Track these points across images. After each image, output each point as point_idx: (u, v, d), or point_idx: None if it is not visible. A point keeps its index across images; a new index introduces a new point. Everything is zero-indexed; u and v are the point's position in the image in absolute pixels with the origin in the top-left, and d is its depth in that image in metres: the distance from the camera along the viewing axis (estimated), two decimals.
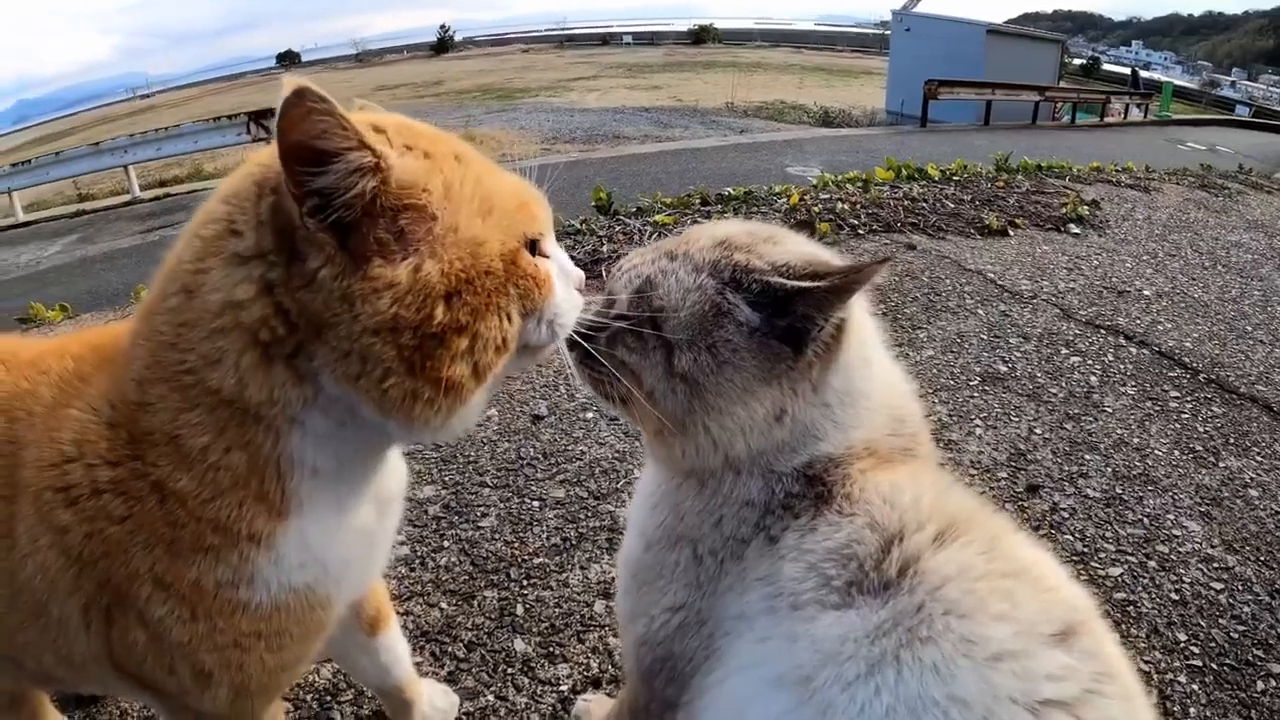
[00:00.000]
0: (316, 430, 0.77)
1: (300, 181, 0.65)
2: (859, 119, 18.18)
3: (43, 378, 0.85)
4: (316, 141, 0.64)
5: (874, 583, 0.71)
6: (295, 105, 0.62)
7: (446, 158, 0.74)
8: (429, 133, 0.77)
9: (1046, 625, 0.66)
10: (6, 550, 0.82)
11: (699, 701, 0.80)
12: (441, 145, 0.75)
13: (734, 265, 0.82)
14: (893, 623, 0.67)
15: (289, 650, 0.87)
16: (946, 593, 0.67)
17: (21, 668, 0.98)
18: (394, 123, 0.76)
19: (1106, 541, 1.81)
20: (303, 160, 0.64)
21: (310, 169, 0.64)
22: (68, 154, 14.24)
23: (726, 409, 0.80)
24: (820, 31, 47.53)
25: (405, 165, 0.69)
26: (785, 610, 0.73)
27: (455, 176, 0.73)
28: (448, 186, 0.72)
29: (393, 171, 0.68)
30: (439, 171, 0.72)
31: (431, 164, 0.72)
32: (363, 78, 38.93)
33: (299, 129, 0.63)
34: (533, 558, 1.74)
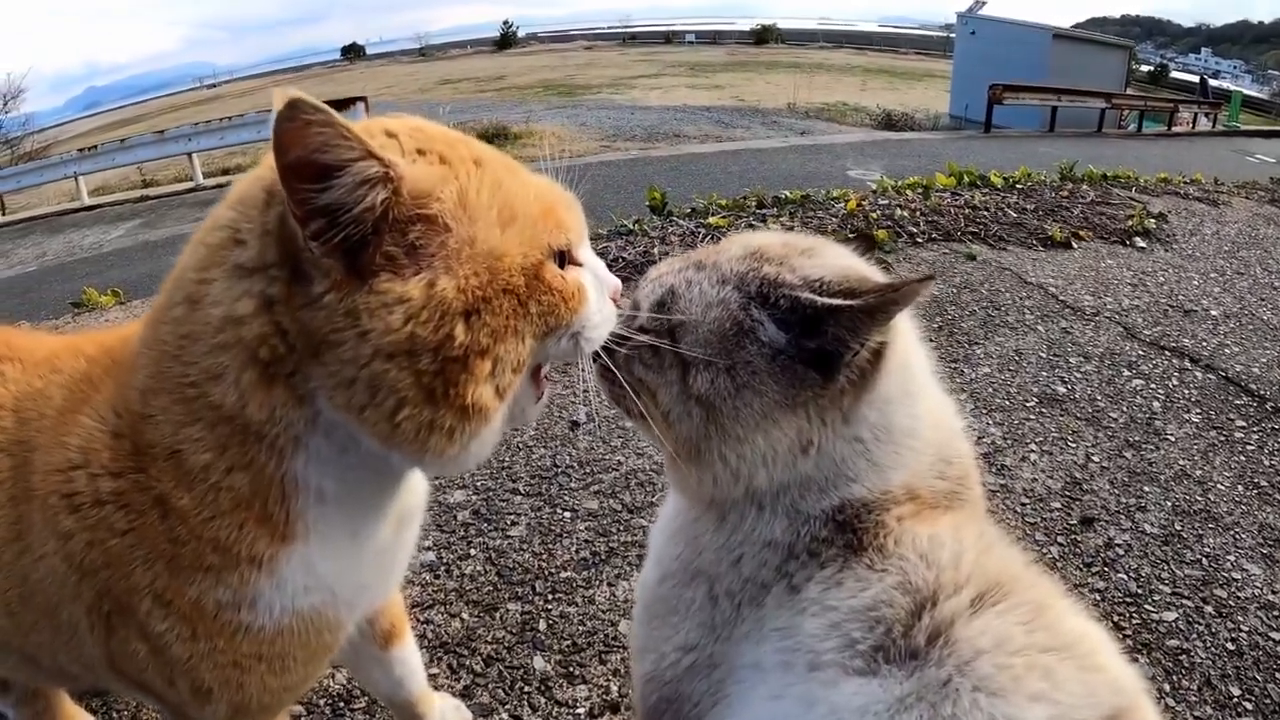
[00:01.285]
0: (320, 454, 0.72)
1: (303, 201, 0.60)
2: (921, 122, 17.84)
3: (55, 378, 0.84)
4: (318, 156, 0.59)
5: (901, 650, 0.64)
6: (290, 119, 0.57)
7: (464, 162, 0.68)
8: (445, 136, 0.72)
9: (1088, 710, 0.59)
10: (21, 552, 0.81)
11: None
12: (459, 149, 0.69)
13: (762, 278, 0.74)
14: (917, 697, 0.60)
15: (292, 673, 0.84)
16: (978, 667, 0.60)
17: (39, 665, 0.98)
18: (407, 126, 0.70)
19: (1162, 582, 1.70)
20: (305, 177, 0.59)
21: (314, 185, 0.59)
22: (133, 141, 14.68)
23: (745, 437, 0.73)
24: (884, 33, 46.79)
25: (417, 173, 0.64)
26: (802, 669, 0.67)
27: (472, 183, 0.67)
28: (463, 195, 0.66)
29: (404, 181, 0.63)
30: (454, 178, 0.66)
31: (446, 170, 0.66)
32: (426, 71, 39.58)
33: (298, 144, 0.58)
34: (560, 571, 1.70)
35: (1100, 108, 15.19)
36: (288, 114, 0.57)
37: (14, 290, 8.55)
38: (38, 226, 13.33)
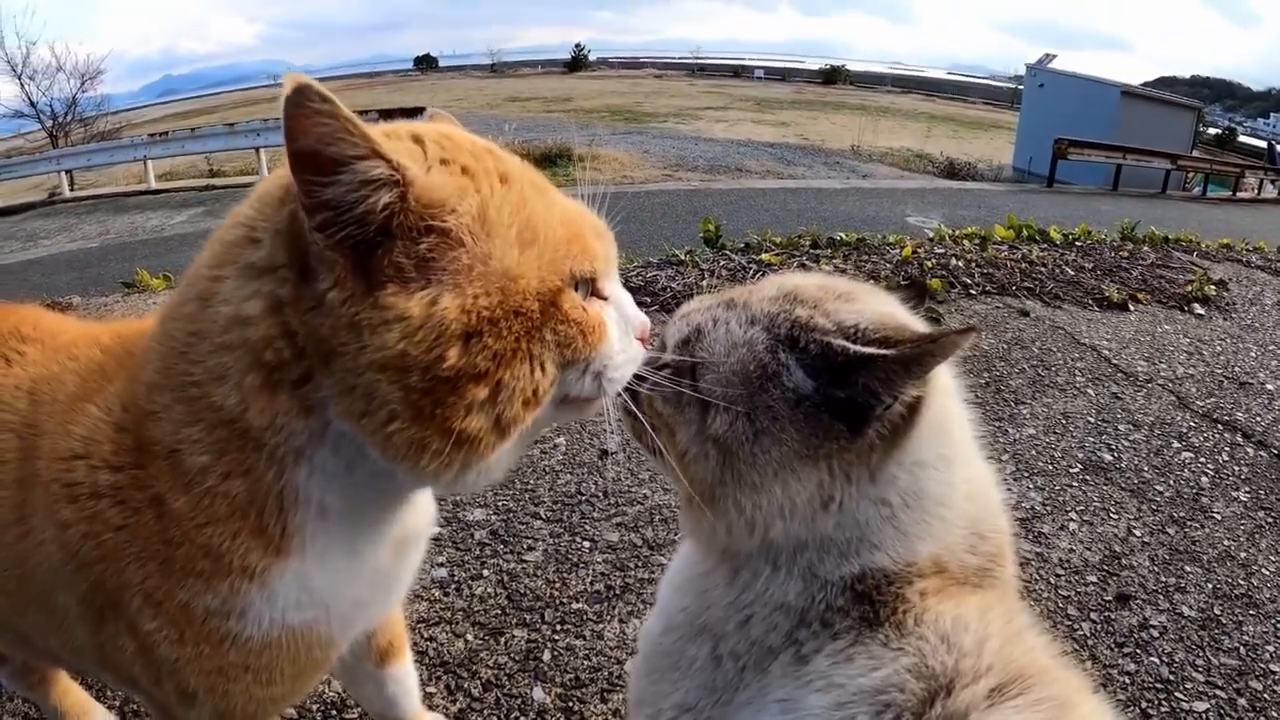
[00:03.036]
0: (326, 468, 0.70)
1: (309, 192, 0.58)
2: (984, 173, 17.65)
3: (71, 364, 0.84)
4: (324, 148, 0.57)
5: None
6: (296, 106, 0.56)
7: (489, 176, 0.66)
8: (475, 147, 0.69)
9: None
10: (22, 534, 0.81)
11: None
12: (485, 161, 0.67)
13: (793, 321, 0.71)
14: None
15: (279, 685, 0.82)
16: None
17: (33, 646, 0.98)
18: (437, 134, 0.68)
19: (1196, 670, 1.61)
20: (311, 168, 0.58)
21: (319, 178, 0.58)
22: (203, 131, 15.18)
23: (762, 485, 0.69)
24: (953, 81, 46.44)
25: (431, 181, 0.62)
26: None
27: (494, 199, 0.65)
28: (483, 210, 0.64)
29: (414, 187, 0.61)
30: (475, 192, 0.64)
31: (467, 182, 0.64)
32: (495, 87, 40.33)
33: (304, 133, 0.57)
34: (572, 601, 1.66)
35: (1165, 168, 14.87)
36: (294, 99, 0.55)
37: (75, 264, 8.84)
38: (103, 205, 13.82)
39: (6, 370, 0.88)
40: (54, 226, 12.43)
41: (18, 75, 21.45)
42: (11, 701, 1.50)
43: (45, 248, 10.79)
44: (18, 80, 21.51)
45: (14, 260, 10.01)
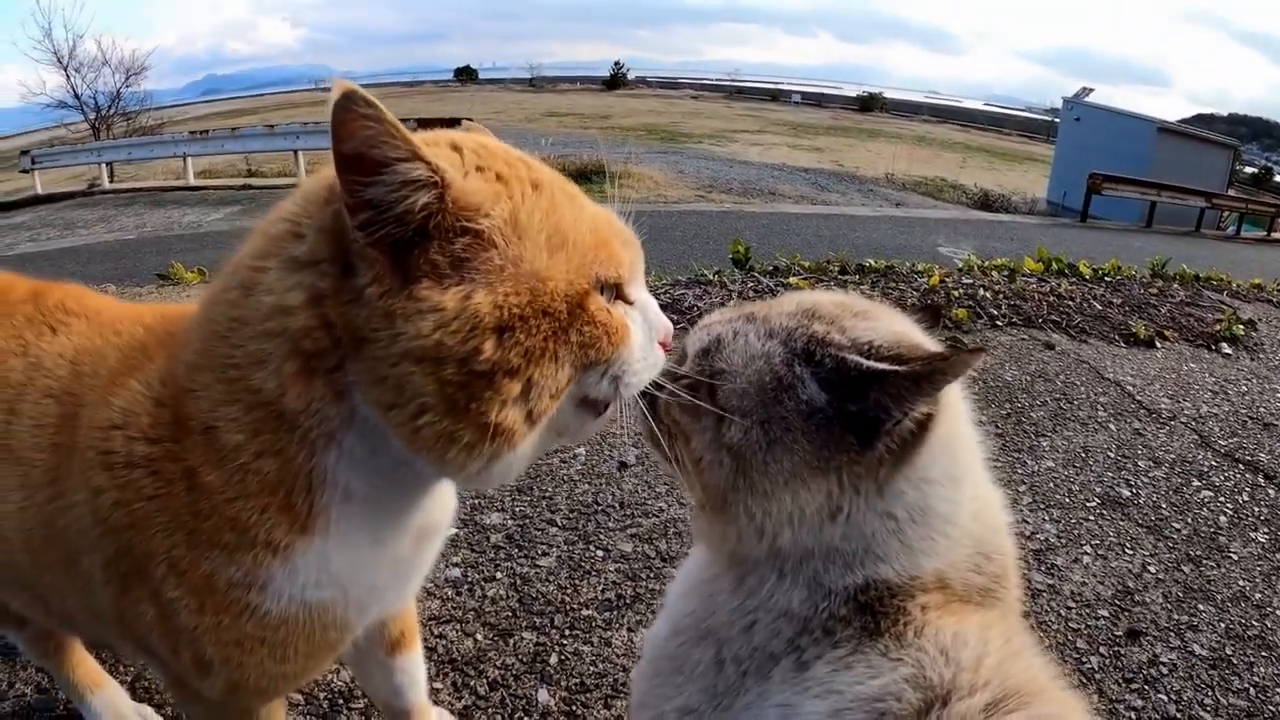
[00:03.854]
0: (353, 452, 0.73)
1: (353, 191, 0.62)
2: (1018, 205, 17.56)
3: (115, 340, 0.88)
4: (368, 150, 0.61)
5: None
6: (344, 110, 0.59)
7: (521, 183, 0.69)
8: (509, 156, 0.73)
9: None
10: (53, 496, 0.85)
11: None
12: (519, 169, 0.71)
13: (810, 336, 0.73)
14: None
15: (292, 662, 0.85)
16: None
17: (49, 608, 1.02)
18: (474, 142, 0.72)
19: (1204, 709, 1.60)
20: (355, 169, 0.61)
21: (362, 178, 0.62)
22: (243, 131, 15.51)
23: (772, 493, 0.71)
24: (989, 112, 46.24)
25: (468, 186, 0.65)
26: None
27: (526, 204, 0.68)
28: (515, 214, 0.67)
29: (451, 190, 0.64)
30: (508, 197, 0.67)
31: (501, 188, 0.68)
32: (533, 101, 40.80)
33: (351, 136, 0.60)
34: (582, 608, 1.69)
35: (1200, 206, 14.68)
36: (343, 104, 0.59)
37: (110, 255, 9.02)
38: (141, 198, 14.12)
39: (52, 339, 0.92)
40: (92, 217, 12.68)
41: (64, 67, 21.94)
42: (25, 670, 1.56)
43: (82, 237, 11.01)
44: (64, 72, 22.00)
45: (52, 247, 10.24)
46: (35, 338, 0.93)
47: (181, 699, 1.04)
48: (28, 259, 9.46)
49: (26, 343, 0.93)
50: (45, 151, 16.98)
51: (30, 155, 16.36)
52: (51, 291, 1.01)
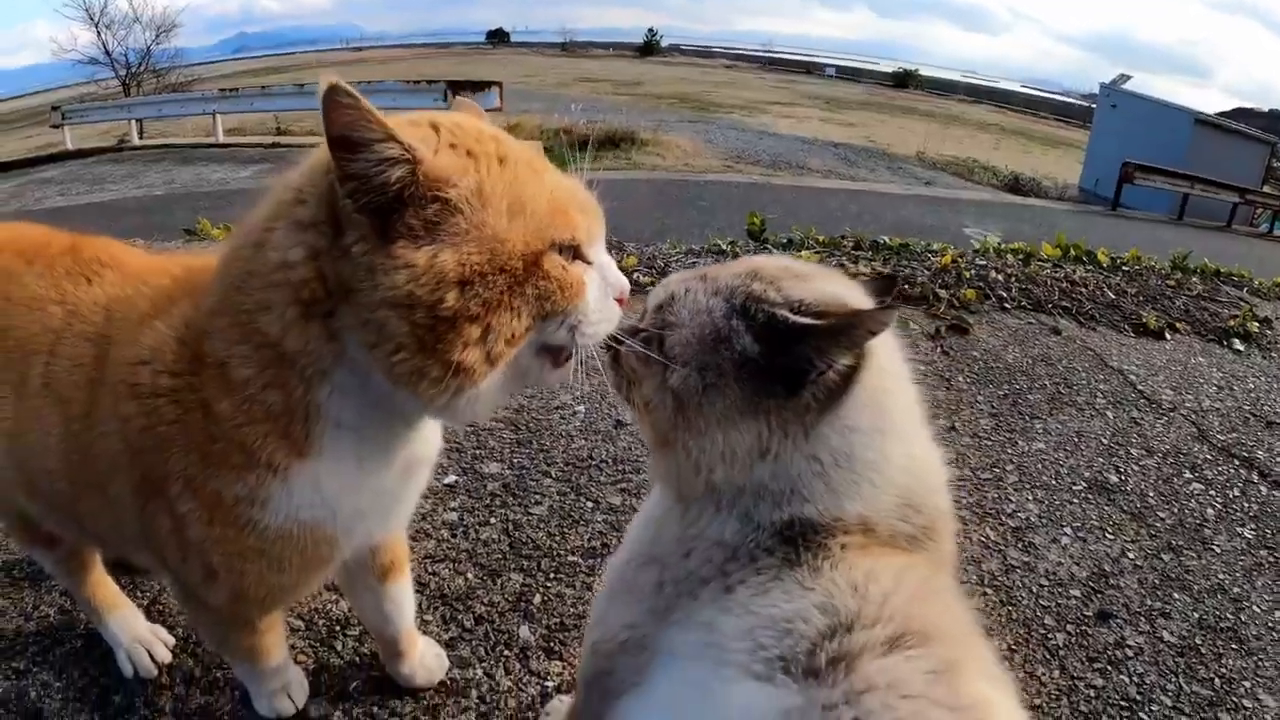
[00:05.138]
0: (343, 387, 0.84)
1: (341, 166, 0.72)
2: (1048, 190, 17.21)
3: (143, 288, 0.98)
4: (350, 133, 0.71)
5: (801, 665, 0.67)
6: (330, 100, 0.69)
7: (489, 158, 0.78)
8: (480, 134, 0.81)
9: None
10: (89, 427, 0.95)
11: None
12: (488, 146, 0.79)
13: (748, 293, 0.81)
14: (800, 713, 0.64)
15: (287, 574, 0.96)
16: (866, 700, 0.62)
17: (83, 527, 1.13)
18: (450, 121, 0.81)
19: (1166, 694, 1.64)
20: (343, 148, 0.71)
21: (348, 155, 0.71)
22: (273, 90, 15.57)
23: (707, 432, 0.79)
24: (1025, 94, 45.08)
25: (438, 161, 0.74)
26: (711, 662, 0.72)
27: (490, 177, 0.77)
28: (480, 185, 0.77)
29: (422, 165, 0.73)
30: (474, 171, 0.77)
31: (469, 163, 0.77)
32: (566, 66, 40.50)
33: (336, 122, 0.70)
34: (568, 554, 1.79)
35: (1233, 202, 14.34)
36: (328, 95, 0.69)
37: (139, 209, 9.13)
38: (170, 155, 14.19)
39: (88, 289, 1.03)
40: (121, 172, 12.80)
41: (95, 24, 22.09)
42: (49, 594, 1.68)
43: (112, 192, 11.13)
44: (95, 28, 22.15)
45: (81, 202, 10.40)
46: (73, 287, 1.04)
47: (191, 611, 1.17)
48: (58, 213, 9.58)
49: (65, 292, 1.03)
50: (75, 107, 17.08)
51: (61, 111, 16.44)
52: (87, 245, 1.12)
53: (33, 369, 1.01)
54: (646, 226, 7.74)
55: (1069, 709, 1.56)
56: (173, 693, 1.47)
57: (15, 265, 1.09)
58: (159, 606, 1.64)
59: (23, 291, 1.06)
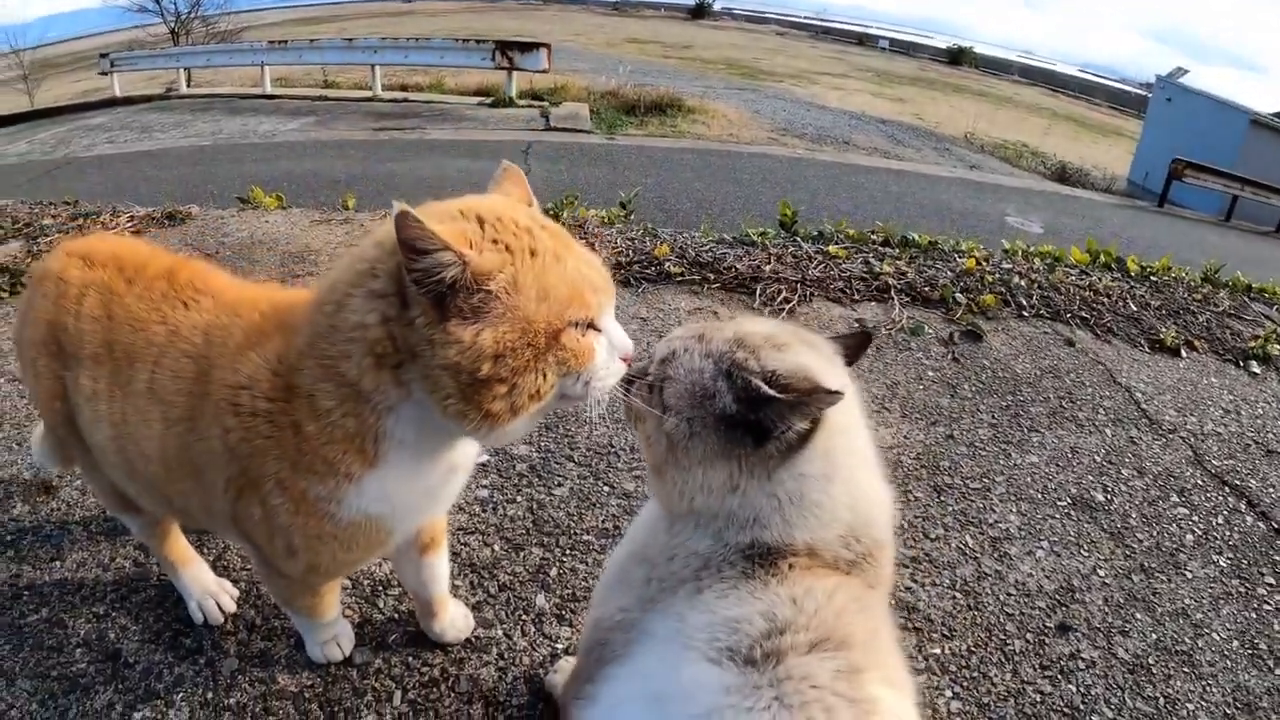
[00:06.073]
0: (406, 416, 1.05)
1: (410, 262, 0.92)
2: (1096, 181, 16.74)
3: (237, 320, 1.19)
4: (415, 242, 0.90)
5: (742, 656, 0.88)
6: (400, 221, 0.89)
7: (522, 252, 0.98)
8: (516, 229, 1.00)
9: None
10: (189, 429, 1.18)
11: (601, 686, 1.02)
12: (523, 241, 0.99)
13: (732, 360, 1.00)
14: (736, 690, 0.84)
15: (353, 553, 1.19)
16: (784, 687, 0.83)
17: (170, 503, 1.37)
18: (493, 216, 1.00)
19: (1109, 706, 1.76)
20: (410, 251, 0.91)
21: (415, 257, 0.91)
22: (321, 43, 15.64)
23: (690, 469, 0.99)
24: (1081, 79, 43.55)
25: (482, 261, 0.94)
26: (679, 646, 0.93)
27: (523, 270, 0.97)
28: (514, 278, 0.96)
29: (470, 265, 0.93)
30: (510, 264, 0.96)
31: (507, 258, 0.96)
32: (615, 25, 40.00)
33: (405, 235, 0.90)
34: (584, 533, 2.00)
35: None
36: (399, 219, 0.89)
37: (186, 159, 9.33)
38: (218, 104, 14.43)
39: (185, 312, 1.25)
40: (169, 121, 13.06)
41: None
42: (124, 548, 1.94)
43: (159, 141, 11.36)
44: None
45: (130, 150, 10.62)
46: (171, 310, 1.26)
47: (266, 576, 1.40)
48: (106, 160, 9.86)
49: (165, 314, 1.25)
50: (123, 55, 17.33)
51: (109, 58, 16.66)
52: (183, 269, 1.33)
53: (138, 375, 1.24)
54: (685, 202, 7.82)
55: (1014, 710, 1.72)
56: (236, 638, 1.71)
57: (118, 285, 1.32)
58: (223, 563, 1.89)
59: (125, 311, 1.28)
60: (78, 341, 1.32)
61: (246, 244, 4.10)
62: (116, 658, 1.68)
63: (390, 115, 12.70)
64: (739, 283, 3.71)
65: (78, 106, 16.25)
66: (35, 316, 1.40)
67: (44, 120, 15.42)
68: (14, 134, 14.09)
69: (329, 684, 1.62)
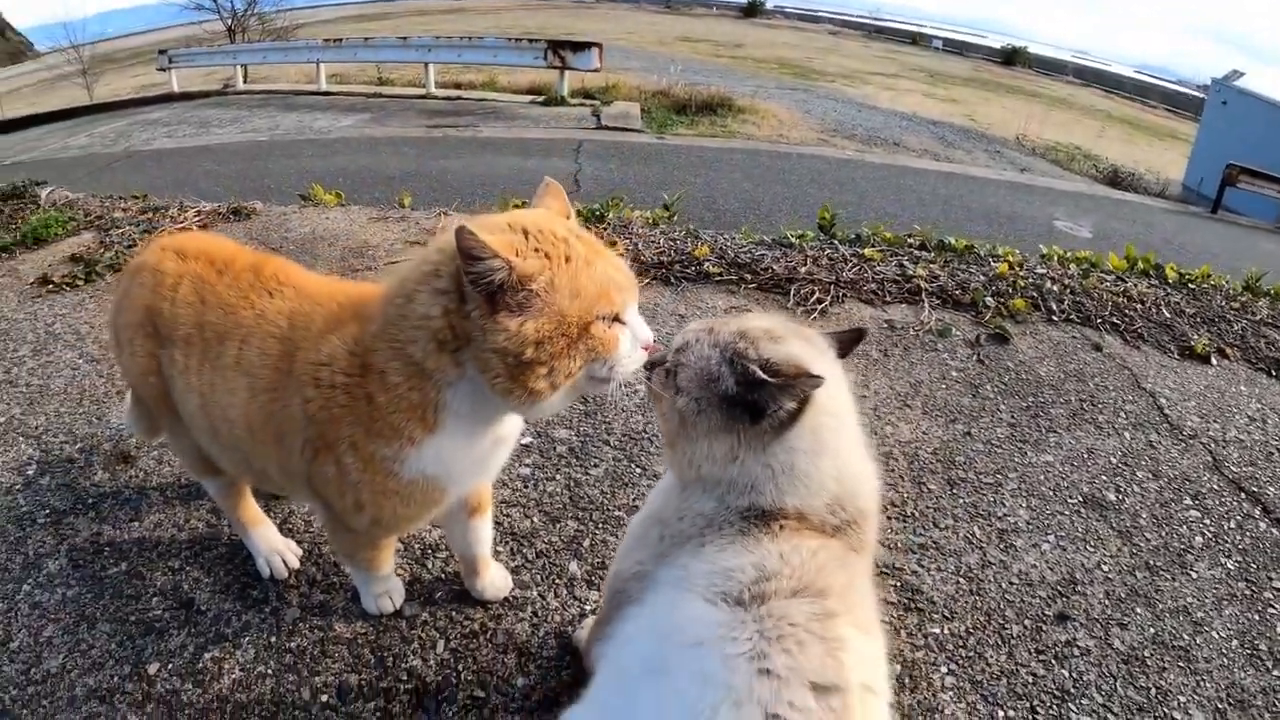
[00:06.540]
0: (461, 391, 1.24)
1: (467, 266, 1.12)
2: (1149, 185, 16.31)
3: (318, 309, 1.40)
4: (471, 251, 1.11)
5: (733, 598, 1.04)
6: (459, 234, 1.10)
7: (559, 259, 1.17)
8: (554, 239, 1.19)
9: (814, 675, 0.94)
10: (273, 399, 1.38)
11: (620, 625, 1.20)
12: (560, 249, 1.19)
13: (734, 349, 1.15)
14: (725, 625, 1.00)
15: (412, 509, 1.39)
16: (767, 623, 0.99)
17: (250, 466, 1.57)
18: (536, 227, 1.20)
19: (1099, 693, 1.83)
20: (468, 258, 1.11)
21: (471, 262, 1.12)
22: (377, 41, 15.90)
23: (697, 441, 1.16)
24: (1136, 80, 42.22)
25: (525, 266, 1.14)
26: (681, 589, 1.10)
27: (559, 273, 1.16)
28: (552, 279, 1.16)
29: (516, 270, 1.13)
30: (549, 270, 1.15)
31: (546, 263, 1.15)
32: (668, 24, 40.03)
33: (463, 246, 1.10)
34: (616, 510, 2.19)
35: None
36: (459, 233, 1.10)
37: (243, 154, 9.63)
38: (274, 100, 14.75)
39: (271, 301, 1.46)
40: (226, 116, 13.40)
41: None
42: (198, 511, 2.16)
43: (217, 136, 11.66)
44: None
45: (188, 145, 10.95)
46: (259, 298, 1.47)
47: (333, 531, 1.60)
48: (165, 154, 10.20)
49: (253, 301, 1.47)
50: (182, 52, 17.88)
51: (168, 55, 17.15)
52: (267, 264, 1.55)
53: (227, 352, 1.45)
54: (733, 202, 7.90)
55: (1005, 688, 1.83)
56: (298, 591, 1.93)
57: (209, 275, 1.55)
58: (288, 526, 2.11)
59: (216, 298, 1.50)
60: (172, 323, 1.54)
61: (309, 239, 4.35)
62: (190, 605, 1.90)
63: (444, 113, 12.96)
64: (774, 283, 3.85)
65: (136, 101, 16.77)
66: (132, 302, 1.62)
67: (103, 114, 15.89)
68: (74, 127, 14.58)
69: (380, 633, 1.83)
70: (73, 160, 10.73)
